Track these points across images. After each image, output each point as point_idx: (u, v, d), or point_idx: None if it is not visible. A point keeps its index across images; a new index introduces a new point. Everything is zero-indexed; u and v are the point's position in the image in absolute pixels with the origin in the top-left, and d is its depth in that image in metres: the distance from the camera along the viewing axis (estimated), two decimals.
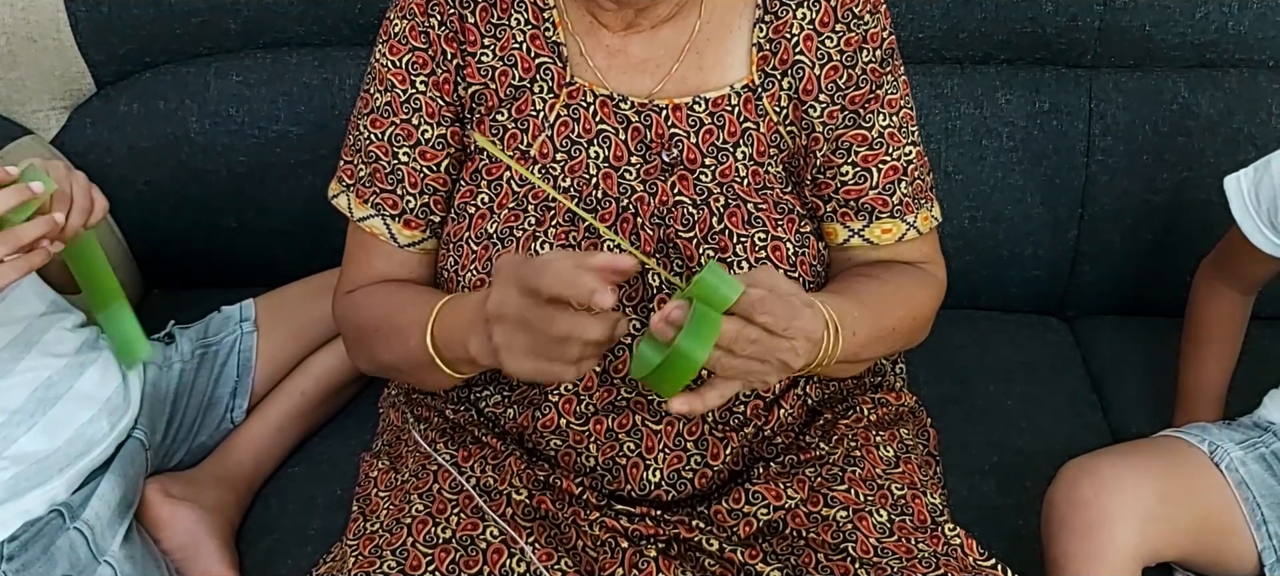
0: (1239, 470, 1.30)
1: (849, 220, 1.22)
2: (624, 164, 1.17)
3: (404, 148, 1.19)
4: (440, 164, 1.20)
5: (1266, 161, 1.32)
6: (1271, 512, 1.28)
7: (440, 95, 1.19)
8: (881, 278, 1.20)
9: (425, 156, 1.20)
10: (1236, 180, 1.36)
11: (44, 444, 1.27)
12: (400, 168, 1.20)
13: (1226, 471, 1.30)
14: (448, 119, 1.19)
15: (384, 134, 1.19)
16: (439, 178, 1.21)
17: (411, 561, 1.09)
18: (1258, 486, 1.29)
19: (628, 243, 1.13)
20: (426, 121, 1.19)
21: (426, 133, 1.19)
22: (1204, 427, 1.37)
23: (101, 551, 1.26)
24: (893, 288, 1.20)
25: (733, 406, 1.18)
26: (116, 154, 1.70)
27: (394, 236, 1.21)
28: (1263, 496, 1.29)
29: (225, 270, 1.75)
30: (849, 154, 1.21)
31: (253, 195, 1.72)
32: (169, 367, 1.47)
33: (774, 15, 1.18)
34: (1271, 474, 1.30)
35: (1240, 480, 1.30)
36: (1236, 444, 1.32)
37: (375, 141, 1.20)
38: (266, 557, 1.38)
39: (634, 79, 1.19)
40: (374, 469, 1.26)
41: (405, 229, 1.21)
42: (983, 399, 1.57)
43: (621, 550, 1.13)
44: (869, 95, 1.20)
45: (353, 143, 1.23)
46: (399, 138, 1.19)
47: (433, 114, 1.19)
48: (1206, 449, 1.32)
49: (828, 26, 1.18)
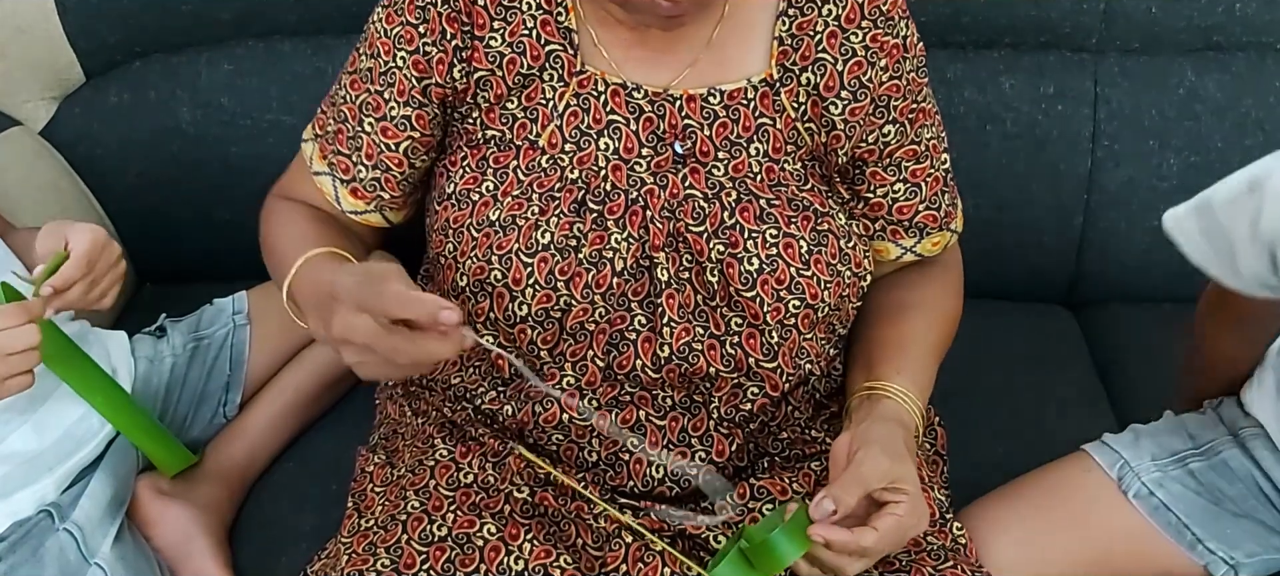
0: (1155, 494, 1.26)
1: (899, 238, 1.25)
2: (634, 156, 1.14)
3: (370, 118, 1.17)
4: (400, 144, 1.18)
5: (1207, 201, 1.12)
6: (1207, 529, 1.24)
7: (417, 75, 1.15)
8: (928, 308, 1.26)
9: (387, 133, 1.17)
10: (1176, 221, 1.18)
11: (33, 442, 1.25)
12: (361, 137, 1.18)
13: (1135, 500, 1.26)
14: (417, 101, 1.16)
15: (356, 98, 1.18)
16: (396, 157, 1.18)
17: (406, 559, 1.07)
18: (1182, 506, 1.25)
19: (635, 234, 1.11)
20: (396, 99, 1.16)
21: (393, 110, 1.16)
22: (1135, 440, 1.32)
23: (91, 553, 1.25)
24: (939, 314, 1.27)
25: (739, 404, 1.17)
26: (106, 145, 1.68)
27: (338, 198, 1.21)
28: (1190, 515, 1.25)
29: (217, 262, 1.73)
30: (900, 170, 1.21)
31: (245, 186, 1.68)
32: (160, 362, 1.46)
33: (798, 10, 1.15)
34: (1200, 488, 1.25)
35: (1157, 505, 1.26)
36: (1155, 463, 1.28)
37: (348, 102, 1.19)
38: (260, 555, 1.37)
39: (651, 71, 1.15)
40: (370, 464, 1.24)
41: (351, 197, 1.21)
42: (988, 388, 1.56)
43: (626, 544, 1.11)
44: (915, 108, 1.19)
45: (332, 95, 1.22)
46: (368, 106, 1.17)
47: (403, 93, 1.15)
48: (1115, 474, 1.28)
49: (853, 22, 1.15)
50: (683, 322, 1.11)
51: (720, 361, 1.12)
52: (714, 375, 1.13)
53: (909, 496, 1.01)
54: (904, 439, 1.08)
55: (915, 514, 1.01)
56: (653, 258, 1.11)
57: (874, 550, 0.99)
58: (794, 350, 1.15)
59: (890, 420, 1.11)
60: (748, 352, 1.13)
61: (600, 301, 1.11)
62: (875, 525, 0.98)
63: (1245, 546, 1.24)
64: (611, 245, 1.10)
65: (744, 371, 1.14)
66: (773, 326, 1.12)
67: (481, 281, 1.11)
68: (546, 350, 1.13)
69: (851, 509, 0.99)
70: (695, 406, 1.16)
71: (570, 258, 1.09)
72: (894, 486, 1.01)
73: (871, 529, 0.98)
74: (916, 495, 1.02)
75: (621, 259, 1.10)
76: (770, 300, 1.10)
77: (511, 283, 1.09)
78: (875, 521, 0.99)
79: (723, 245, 1.11)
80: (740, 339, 1.12)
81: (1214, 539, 1.24)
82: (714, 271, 1.11)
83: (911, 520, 1.01)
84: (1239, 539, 1.24)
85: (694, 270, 1.12)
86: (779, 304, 1.11)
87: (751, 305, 1.10)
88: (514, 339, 1.13)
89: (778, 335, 1.13)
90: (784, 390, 1.18)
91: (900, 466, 1.03)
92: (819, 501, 0.98)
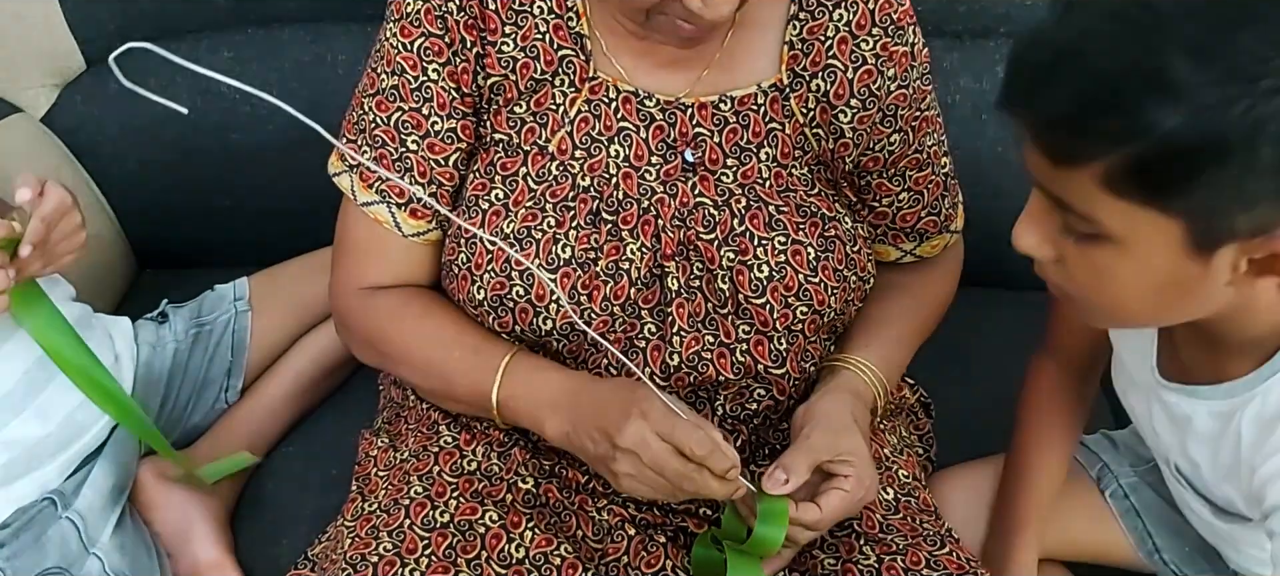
0: (1130, 498, 1.28)
1: (901, 242, 1.27)
2: (645, 163, 1.13)
3: (413, 136, 1.13)
4: (449, 157, 1.14)
5: None
6: (1167, 541, 1.26)
7: (456, 87, 1.12)
8: (915, 289, 1.27)
9: (434, 149, 1.14)
10: None
11: (36, 429, 1.25)
12: (408, 156, 1.13)
13: (1109, 498, 1.28)
14: (460, 112, 1.13)
15: (390, 119, 1.13)
16: (447, 171, 1.15)
17: (408, 544, 1.08)
18: (1152, 515, 1.27)
19: (648, 244, 1.11)
20: (437, 113, 1.13)
21: (437, 125, 1.13)
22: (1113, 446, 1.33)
23: (92, 542, 1.25)
24: (928, 294, 1.28)
25: (745, 404, 1.17)
26: (107, 132, 1.68)
27: (398, 225, 1.16)
28: (1156, 525, 1.26)
29: (218, 249, 1.74)
30: (904, 179, 1.22)
31: (245, 173, 1.70)
32: (162, 348, 1.46)
33: (809, 15, 1.14)
34: (1170, 502, 1.25)
35: (1128, 508, 1.27)
36: (1133, 470, 1.29)
37: (381, 125, 1.14)
38: (261, 539, 1.38)
39: (663, 80, 1.14)
40: (373, 447, 1.25)
41: (411, 218, 1.16)
42: (983, 377, 1.56)
43: (628, 537, 1.12)
44: (919, 116, 1.20)
45: (357, 122, 1.17)
46: (407, 125, 1.13)
47: (444, 105, 1.12)
48: (1094, 474, 1.30)
49: (864, 29, 1.15)
50: (692, 332, 1.11)
51: (729, 370, 1.13)
52: (723, 382, 1.14)
53: (855, 468, 1.04)
54: (853, 408, 1.11)
55: (862, 485, 1.05)
56: (664, 266, 1.11)
57: (821, 524, 1.04)
58: (800, 355, 1.16)
59: (844, 391, 1.14)
60: (756, 359, 1.13)
61: (619, 312, 1.11)
62: (819, 502, 1.03)
63: (1196, 562, 1.26)
64: (627, 256, 1.10)
65: (753, 376, 1.14)
66: (780, 333, 1.13)
67: (502, 297, 1.10)
68: (571, 361, 1.14)
69: (805, 478, 1.03)
70: (700, 404, 1.16)
71: (590, 270, 1.09)
72: (842, 458, 1.04)
73: (814, 505, 1.03)
74: (863, 466, 1.05)
75: (636, 269, 1.11)
76: (779, 307, 1.11)
77: (535, 299, 1.09)
78: (820, 499, 1.03)
79: (733, 252, 1.11)
80: (749, 346, 1.13)
81: (1171, 552, 1.26)
82: (725, 279, 1.11)
83: (859, 492, 1.05)
84: (1191, 557, 1.26)
85: (705, 278, 1.12)
86: (787, 310, 1.11)
87: (760, 312, 1.11)
88: (540, 352, 1.14)
89: (785, 341, 1.13)
90: (790, 393, 1.18)
91: (846, 438, 1.06)
92: (771, 473, 1.03)
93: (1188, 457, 1.08)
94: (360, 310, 1.19)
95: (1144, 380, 1.09)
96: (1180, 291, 0.87)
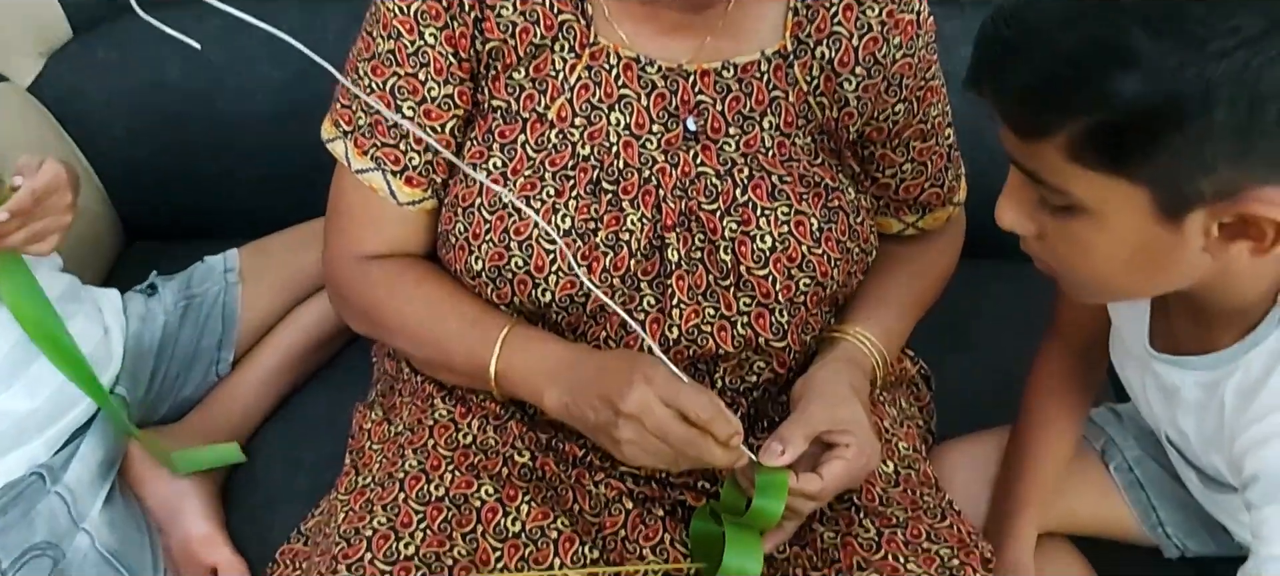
0: (1134, 471, 1.28)
1: (903, 214, 1.26)
2: (645, 132, 1.11)
3: (409, 102, 1.11)
4: (446, 124, 1.12)
5: None
6: (1171, 514, 1.26)
7: (454, 51, 1.10)
8: (917, 261, 1.27)
9: (431, 115, 1.11)
10: None
11: (24, 402, 1.24)
12: (403, 122, 1.11)
13: (1114, 471, 1.28)
14: (458, 77, 1.11)
15: (386, 84, 1.11)
16: (444, 138, 1.12)
17: (402, 518, 1.07)
18: (1156, 488, 1.27)
19: (649, 215, 1.09)
20: (434, 79, 1.10)
21: (433, 90, 1.11)
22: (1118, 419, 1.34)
23: (80, 517, 1.24)
24: (929, 267, 1.28)
25: (745, 376, 1.16)
26: (94, 101, 1.66)
27: (393, 193, 1.14)
28: (1160, 498, 1.27)
29: (207, 220, 1.72)
30: (908, 150, 1.21)
31: (235, 143, 1.68)
32: (152, 320, 1.45)
33: None
34: (1175, 477, 1.26)
35: (1132, 482, 1.28)
36: (1138, 443, 1.29)
37: (376, 90, 1.11)
38: (253, 514, 1.37)
39: (665, 46, 1.12)
40: (368, 420, 1.23)
41: (406, 186, 1.14)
42: (985, 349, 1.56)
43: (626, 510, 1.11)
44: (924, 85, 1.18)
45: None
46: (403, 90, 1.10)
47: (441, 71, 1.10)
48: (1098, 446, 1.30)
49: None
50: (692, 304, 1.10)
51: (730, 342, 1.11)
52: (723, 355, 1.12)
53: (855, 437, 1.03)
54: (852, 378, 1.10)
55: (864, 454, 1.04)
56: (664, 238, 1.10)
57: (823, 494, 1.02)
58: (801, 327, 1.15)
59: (841, 361, 1.13)
60: (757, 332, 1.12)
61: (619, 283, 1.09)
62: (821, 471, 1.01)
63: (1199, 535, 1.27)
64: (627, 227, 1.09)
65: (753, 348, 1.13)
66: (782, 304, 1.11)
67: (500, 267, 1.08)
68: (570, 333, 1.12)
69: (802, 449, 1.01)
70: (699, 377, 1.15)
71: (590, 241, 1.08)
72: (842, 429, 1.03)
73: (816, 475, 1.01)
74: (863, 434, 1.04)
75: (636, 240, 1.09)
76: (781, 279, 1.10)
77: (534, 270, 1.07)
78: (822, 468, 1.02)
79: (736, 223, 1.09)
80: (749, 318, 1.11)
81: (1174, 525, 1.27)
82: (727, 250, 1.09)
83: (861, 460, 1.03)
84: (1195, 530, 1.27)
85: (706, 249, 1.10)
86: (789, 282, 1.10)
87: (762, 284, 1.10)
88: (538, 323, 1.12)
89: (787, 314, 1.12)
90: (790, 366, 1.17)
91: (844, 408, 1.05)
92: (768, 445, 1.01)
93: (1177, 427, 1.10)
94: (355, 279, 1.17)
95: (1137, 352, 1.11)
96: (1157, 260, 0.89)
